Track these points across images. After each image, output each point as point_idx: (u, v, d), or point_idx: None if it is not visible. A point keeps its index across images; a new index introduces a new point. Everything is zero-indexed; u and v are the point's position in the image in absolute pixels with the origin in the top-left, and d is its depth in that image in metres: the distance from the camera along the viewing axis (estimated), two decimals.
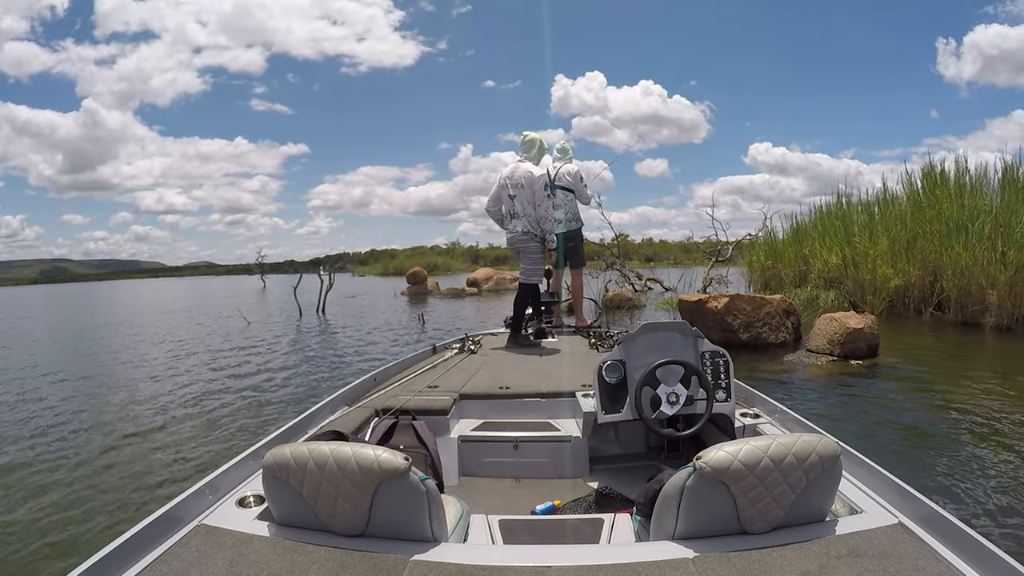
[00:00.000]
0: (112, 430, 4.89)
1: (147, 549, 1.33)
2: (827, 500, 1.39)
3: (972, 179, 10.52)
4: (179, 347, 10.06)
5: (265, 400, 5.87)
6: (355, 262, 59.71)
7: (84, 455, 4.25)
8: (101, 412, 5.56)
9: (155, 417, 5.30)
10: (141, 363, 8.56)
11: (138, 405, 5.83)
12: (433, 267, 38.62)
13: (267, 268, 35.26)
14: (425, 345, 4.27)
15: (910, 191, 11.57)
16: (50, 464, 4.08)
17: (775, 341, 7.41)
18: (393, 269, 42.67)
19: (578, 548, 1.57)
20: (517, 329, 4.51)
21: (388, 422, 2.53)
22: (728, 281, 15.24)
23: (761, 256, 14.24)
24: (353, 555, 1.28)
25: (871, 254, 10.37)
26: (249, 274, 37.50)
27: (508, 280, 22.97)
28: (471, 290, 21.68)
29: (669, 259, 33.44)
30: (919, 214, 10.44)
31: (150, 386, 6.81)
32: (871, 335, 6.58)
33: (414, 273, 22.66)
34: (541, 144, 4.76)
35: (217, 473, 1.72)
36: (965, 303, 8.78)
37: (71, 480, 3.76)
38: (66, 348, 11.17)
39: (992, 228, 8.67)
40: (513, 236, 4.68)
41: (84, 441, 4.61)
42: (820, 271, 11.68)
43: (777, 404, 2.46)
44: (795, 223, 14.17)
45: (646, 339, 2.38)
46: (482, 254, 56.34)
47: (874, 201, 12.47)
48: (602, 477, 2.59)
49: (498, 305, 16.57)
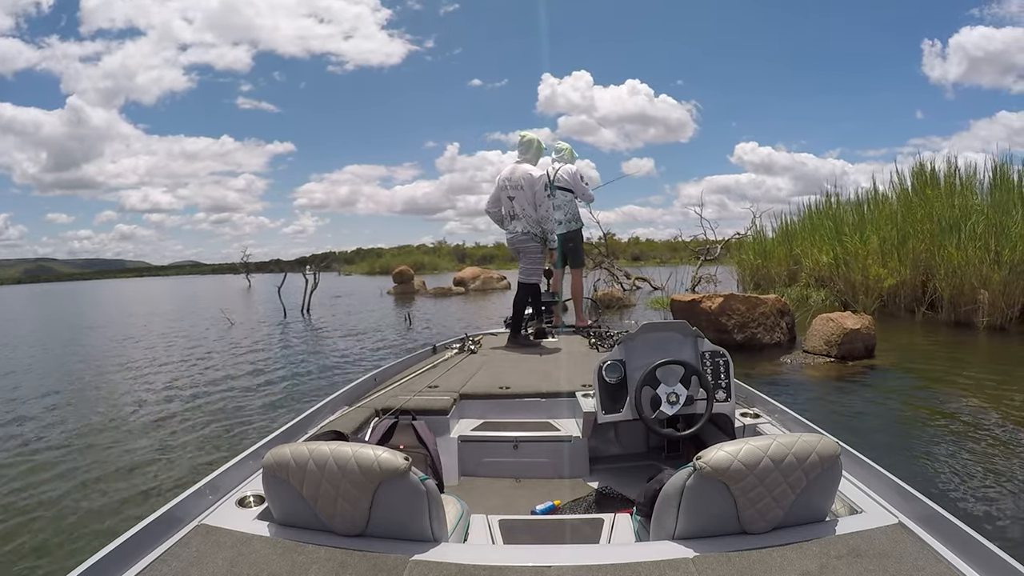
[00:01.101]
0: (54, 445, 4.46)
1: (147, 549, 1.33)
2: (827, 500, 1.38)
3: (962, 179, 10.51)
4: (150, 355, 9.29)
5: (235, 417, 5.17)
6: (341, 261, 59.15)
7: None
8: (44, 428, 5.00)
9: (103, 434, 4.70)
10: (105, 372, 7.96)
11: (93, 426, 5.03)
12: (420, 266, 38.37)
13: (252, 267, 34.89)
14: (411, 346, 4.12)
15: (900, 190, 11.55)
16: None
17: (770, 342, 7.26)
18: (379, 268, 42.36)
19: (578, 548, 1.56)
20: (517, 329, 4.51)
21: (388, 422, 2.52)
22: (717, 280, 15.16)
23: (751, 255, 14.16)
24: (353, 555, 1.27)
25: (862, 253, 10.28)
26: (235, 273, 37.01)
27: (495, 279, 22.92)
28: (458, 289, 21.54)
29: (656, 258, 33.49)
30: (909, 213, 10.39)
31: (111, 396, 6.25)
32: (868, 336, 6.46)
33: (400, 272, 22.36)
34: (539, 144, 4.74)
35: (217, 473, 1.71)
36: (958, 303, 8.71)
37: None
38: (36, 354, 10.74)
39: (985, 228, 8.60)
40: (513, 236, 4.67)
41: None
42: (811, 270, 11.59)
43: (777, 404, 2.44)
44: (784, 222, 14.13)
45: (646, 339, 2.38)
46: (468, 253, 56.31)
47: (864, 200, 12.47)
48: (602, 477, 2.58)
49: (485, 305, 16.40)
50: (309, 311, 15.29)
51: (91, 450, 4.35)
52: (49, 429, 4.94)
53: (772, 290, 11.58)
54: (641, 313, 11.75)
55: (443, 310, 15.08)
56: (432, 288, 21.55)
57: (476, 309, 15.30)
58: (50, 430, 4.91)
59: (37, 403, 5.97)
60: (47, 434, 4.82)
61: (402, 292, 21.03)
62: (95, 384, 7.01)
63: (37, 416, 5.43)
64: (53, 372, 7.99)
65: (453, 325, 11.34)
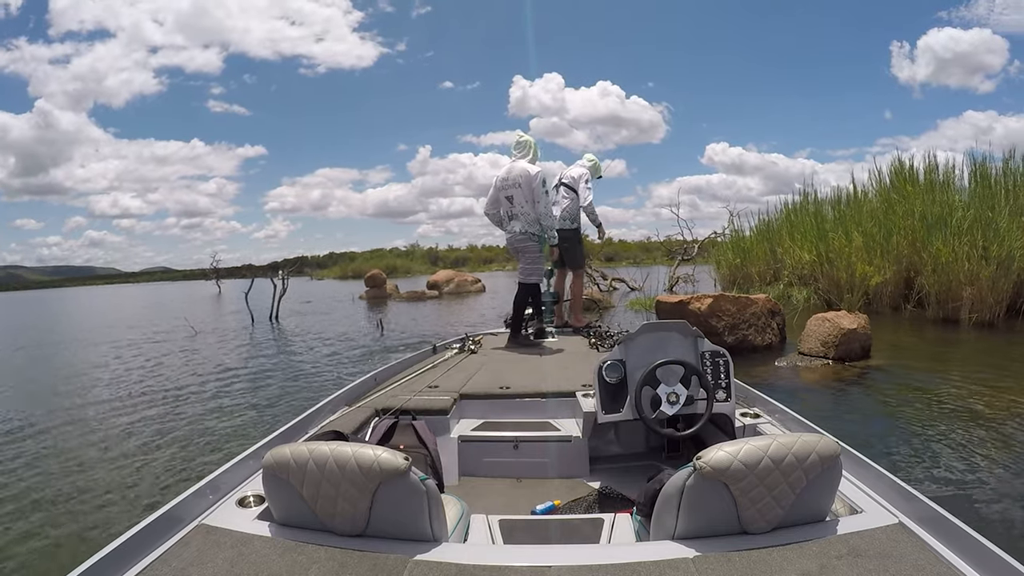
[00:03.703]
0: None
1: (147, 549, 1.32)
2: (827, 500, 1.38)
3: (941, 175, 10.45)
4: (96, 374, 8.22)
5: (178, 451, 4.31)
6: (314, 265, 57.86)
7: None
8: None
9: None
10: (41, 395, 6.83)
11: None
12: (392, 269, 37.72)
13: (223, 273, 33.81)
14: (383, 353, 3.76)
15: (880, 187, 11.45)
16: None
17: (761, 343, 6.94)
18: (352, 272, 41.41)
19: (578, 548, 1.55)
20: (517, 329, 4.50)
21: (388, 422, 2.50)
22: (695, 280, 14.98)
23: (729, 254, 13.96)
24: (353, 555, 1.27)
25: (847, 251, 10.10)
26: (206, 279, 35.78)
27: (469, 282, 22.56)
28: (432, 293, 21.09)
29: (629, 259, 33.34)
30: (891, 210, 10.26)
31: (35, 426, 5.18)
32: (864, 336, 6.18)
33: (372, 276, 21.70)
34: (535, 146, 4.70)
35: (217, 473, 1.69)
36: (945, 299, 8.55)
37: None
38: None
39: (972, 223, 8.46)
40: (512, 237, 4.64)
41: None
42: (793, 268, 11.40)
43: (777, 404, 2.43)
44: (764, 220, 13.96)
45: (646, 339, 2.37)
46: (441, 256, 55.71)
47: (842, 198, 12.37)
48: (602, 477, 2.58)
49: (461, 308, 15.93)
50: (278, 318, 14.67)
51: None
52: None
53: (752, 289, 11.38)
54: (623, 316, 11.39)
55: (416, 315, 14.55)
56: (405, 292, 21.02)
57: (450, 314, 14.81)
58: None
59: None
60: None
61: (374, 296, 20.44)
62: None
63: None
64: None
65: (426, 331, 10.87)
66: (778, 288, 11.15)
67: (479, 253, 57.68)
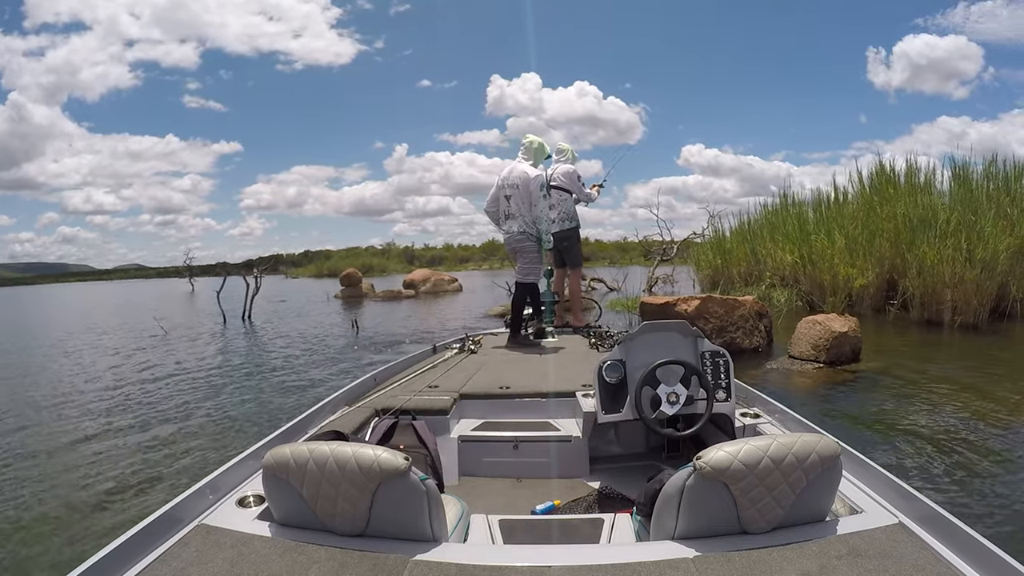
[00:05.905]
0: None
1: (147, 549, 1.31)
2: (827, 500, 1.36)
3: (923, 178, 10.46)
4: (54, 380, 7.66)
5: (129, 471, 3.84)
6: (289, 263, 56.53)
7: None
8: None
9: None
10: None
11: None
12: (368, 268, 37.09)
13: (197, 271, 32.91)
14: (358, 354, 3.53)
15: (860, 189, 11.44)
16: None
17: (749, 346, 6.77)
18: (327, 271, 40.70)
19: (578, 548, 1.55)
20: (517, 329, 4.49)
21: (388, 422, 2.49)
22: (675, 280, 14.89)
23: (710, 254, 13.87)
24: (353, 555, 1.26)
25: (830, 253, 10.03)
26: (180, 277, 34.78)
27: (446, 281, 22.30)
28: (408, 292, 20.70)
29: (606, 259, 33.30)
30: (872, 212, 10.23)
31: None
32: (855, 339, 6.05)
33: (348, 275, 21.23)
34: (540, 146, 4.70)
35: (217, 473, 1.68)
36: (929, 302, 8.50)
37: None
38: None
39: (956, 225, 8.43)
40: (509, 236, 4.64)
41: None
42: (775, 270, 11.32)
43: (777, 404, 2.41)
44: (744, 221, 13.89)
45: (646, 339, 2.37)
46: (417, 255, 55.14)
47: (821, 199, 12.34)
48: (602, 477, 2.57)
49: (438, 308, 15.60)
50: (251, 318, 14.18)
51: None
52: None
53: (733, 291, 11.27)
54: (604, 317, 11.18)
55: (392, 314, 14.19)
56: (381, 291, 20.60)
57: (427, 313, 14.47)
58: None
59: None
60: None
61: (350, 296, 19.99)
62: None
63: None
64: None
65: (402, 331, 10.55)
66: (760, 289, 11.05)
67: (455, 252, 57.26)
